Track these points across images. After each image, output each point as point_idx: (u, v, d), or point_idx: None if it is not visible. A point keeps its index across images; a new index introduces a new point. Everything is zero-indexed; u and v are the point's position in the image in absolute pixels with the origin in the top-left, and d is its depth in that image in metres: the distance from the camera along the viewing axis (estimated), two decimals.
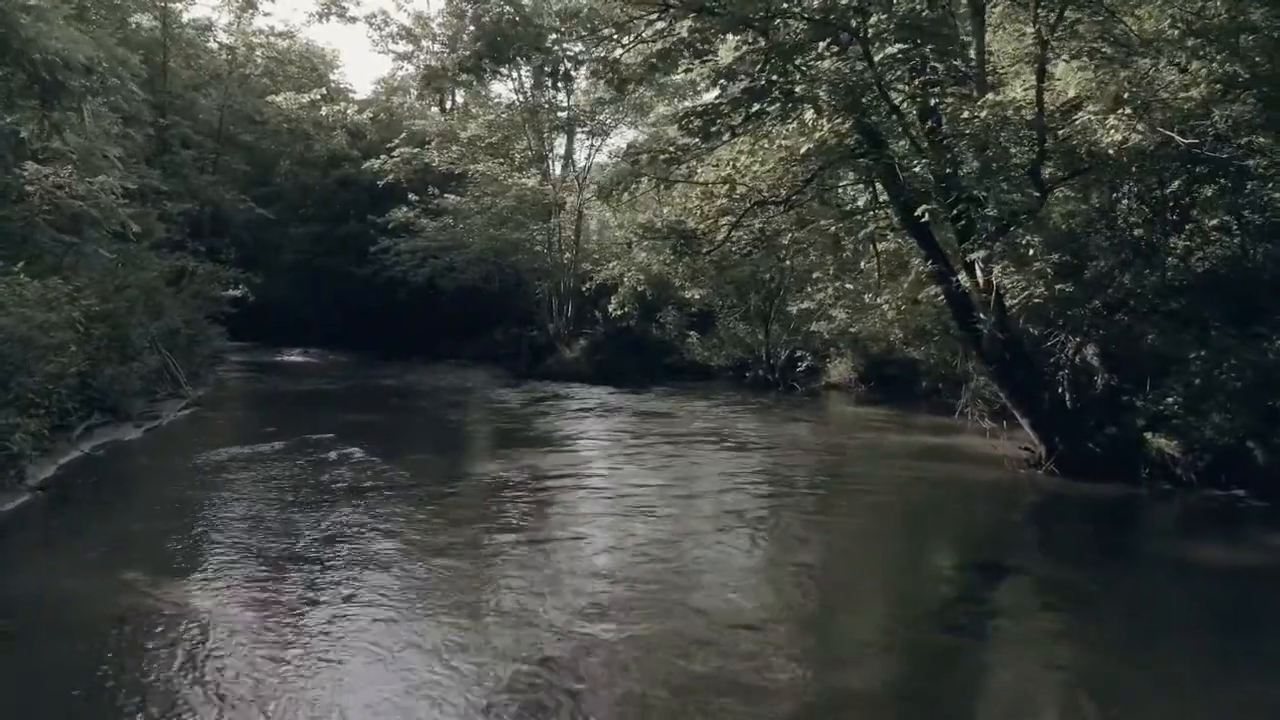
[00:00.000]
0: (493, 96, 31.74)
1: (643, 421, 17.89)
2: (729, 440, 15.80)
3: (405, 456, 13.14)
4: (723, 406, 20.69)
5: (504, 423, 18.01)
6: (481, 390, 23.39)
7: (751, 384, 24.16)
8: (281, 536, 9.00)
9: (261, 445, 14.06)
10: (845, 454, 15.12)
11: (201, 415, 18.15)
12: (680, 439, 15.65)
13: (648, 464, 13.28)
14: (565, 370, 25.98)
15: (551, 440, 15.70)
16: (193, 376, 22.77)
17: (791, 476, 13.22)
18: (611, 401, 21.35)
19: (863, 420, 18.70)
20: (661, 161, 11.22)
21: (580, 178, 29.72)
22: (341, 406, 20.05)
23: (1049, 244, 10.68)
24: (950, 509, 11.96)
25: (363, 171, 32.34)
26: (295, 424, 16.95)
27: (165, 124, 29.39)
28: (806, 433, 17.08)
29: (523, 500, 11.01)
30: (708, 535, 9.69)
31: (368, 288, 33.34)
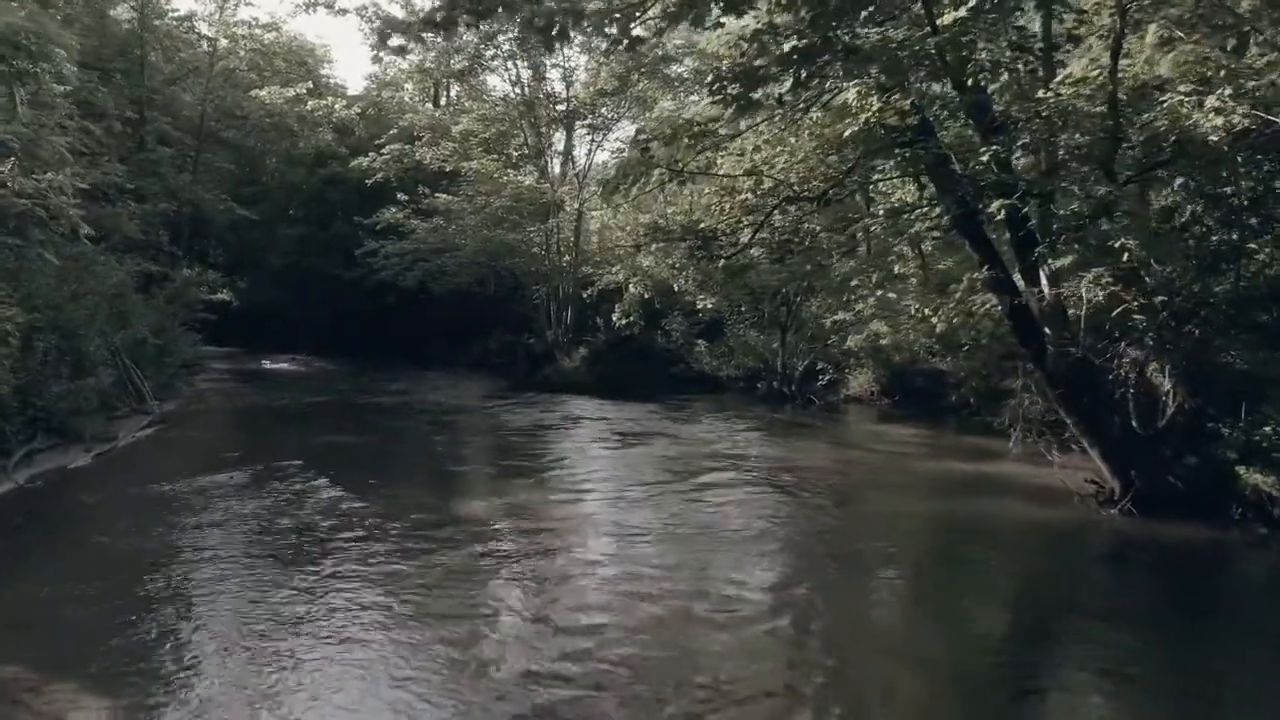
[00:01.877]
0: (488, 89, 29.96)
1: (649, 443, 16.16)
2: (745, 468, 14.07)
3: (379, 491, 11.41)
4: (735, 423, 18.98)
5: (495, 445, 16.24)
6: (474, 404, 21.66)
7: (765, 396, 22.45)
8: (212, 618, 7.26)
9: (219, 475, 12.33)
10: (881, 486, 13.40)
11: (164, 436, 16.42)
12: (691, 466, 13.92)
13: (656, 501, 11.48)
14: (564, 380, 24.27)
15: (546, 469, 13.91)
16: (163, 389, 21.13)
17: (821, 517, 11.49)
18: (614, 417, 19.62)
19: (892, 441, 16.98)
20: (677, 148, 9.52)
21: (580, 176, 27.97)
22: (319, 424, 18.32)
23: (1149, 244, 9.01)
24: (1014, 558, 10.23)
25: (351, 170, 30.64)
26: (264, 447, 15.24)
27: (134, 117, 27.61)
28: (832, 458, 15.36)
29: (504, 558, 9.13)
30: (725, 601, 7.97)
31: (356, 292, 31.70)
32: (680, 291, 20.84)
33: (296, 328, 35.53)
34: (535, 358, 26.02)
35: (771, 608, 7.95)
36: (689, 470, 13.36)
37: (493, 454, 15.06)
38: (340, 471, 12.57)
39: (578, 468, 13.94)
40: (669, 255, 16.92)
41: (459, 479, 12.70)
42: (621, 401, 21.67)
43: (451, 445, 16.23)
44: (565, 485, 12.44)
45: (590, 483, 12.62)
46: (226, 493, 11.34)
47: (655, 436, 16.87)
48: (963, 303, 10.66)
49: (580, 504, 11.18)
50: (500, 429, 17.93)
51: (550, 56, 26.63)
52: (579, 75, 26.38)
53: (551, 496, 11.59)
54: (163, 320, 23.08)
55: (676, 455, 14.73)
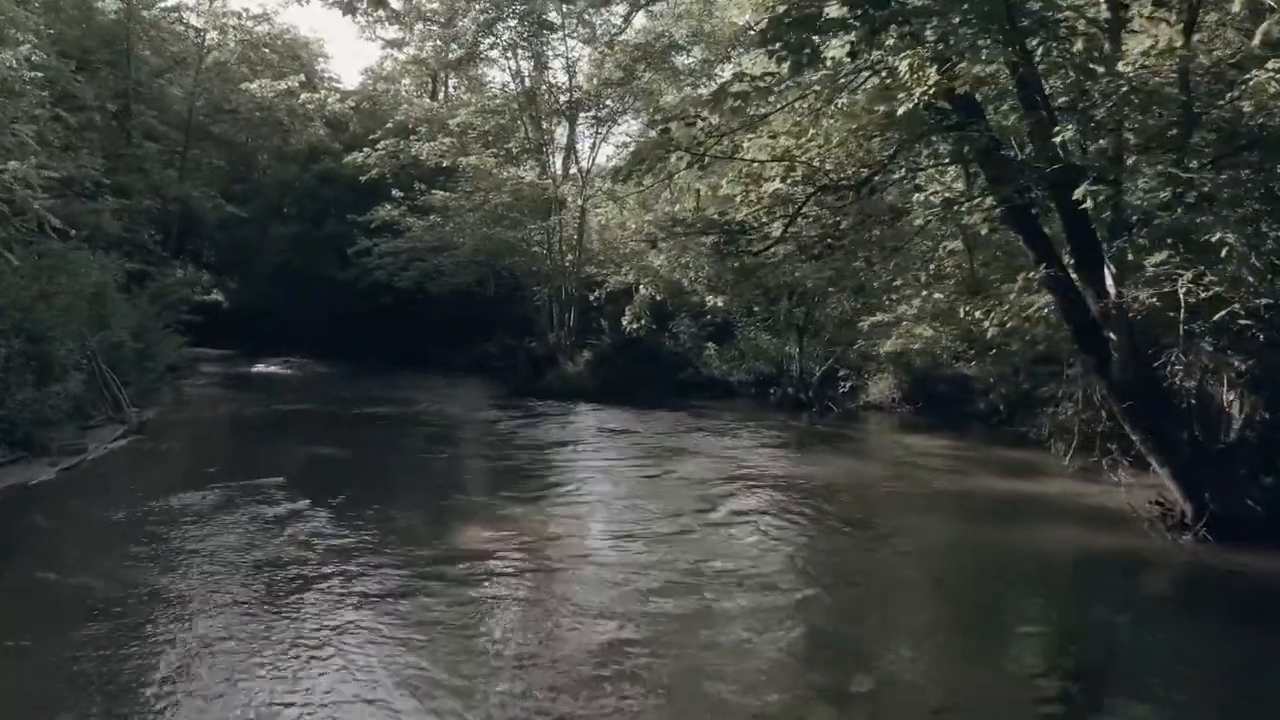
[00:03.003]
0: (487, 81, 28.73)
1: (660, 458, 14.95)
2: (767, 489, 12.88)
3: (366, 516, 10.24)
4: (751, 433, 17.79)
5: (495, 461, 14.96)
6: (472, 412, 20.47)
7: (779, 402, 21.25)
8: (154, 688, 6.09)
9: (191, 495, 11.17)
10: (919, 510, 12.22)
11: (138, 447, 15.24)
12: (709, 489, 12.73)
13: (670, 533, 10.18)
14: (567, 386, 23.09)
15: (549, 491, 12.60)
16: (144, 395, 20.02)
17: (856, 551, 10.33)
18: (621, 427, 18.43)
19: (921, 454, 15.80)
20: (721, 114, 8.33)
21: (584, 171, 26.75)
22: (307, 434, 17.16)
23: (1250, 238, 7.83)
24: (1075, 596, 9.00)
25: (345, 166, 29.49)
26: (245, 461, 14.12)
27: (119, 110, 26.44)
28: (860, 475, 14.17)
29: (502, 609, 7.91)
30: (753, 651, 6.82)
31: (351, 292, 30.52)
32: (688, 292, 19.75)
33: (290, 329, 34.39)
34: (537, 361, 24.81)
35: (806, 659, 6.83)
36: (706, 495, 12.16)
37: (492, 473, 13.81)
38: (325, 492, 11.42)
39: (583, 489, 12.69)
40: (682, 254, 15.87)
41: (455, 504, 11.47)
42: (628, 409, 20.51)
43: (449, 462, 15.02)
44: (570, 512, 11.18)
45: (597, 509, 11.33)
46: (196, 517, 10.18)
47: (666, 450, 15.68)
48: (1016, 305, 9.48)
49: (586, 537, 9.93)
50: (500, 441, 16.74)
51: (552, 47, 25.51)
52: (582, 66, 25.20)
53: (555, 528, 10.37)
54: (145, 322, 21.96)
55: (691, 474, 13.52)
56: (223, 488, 11.65)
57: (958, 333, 19.33)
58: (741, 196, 9.60)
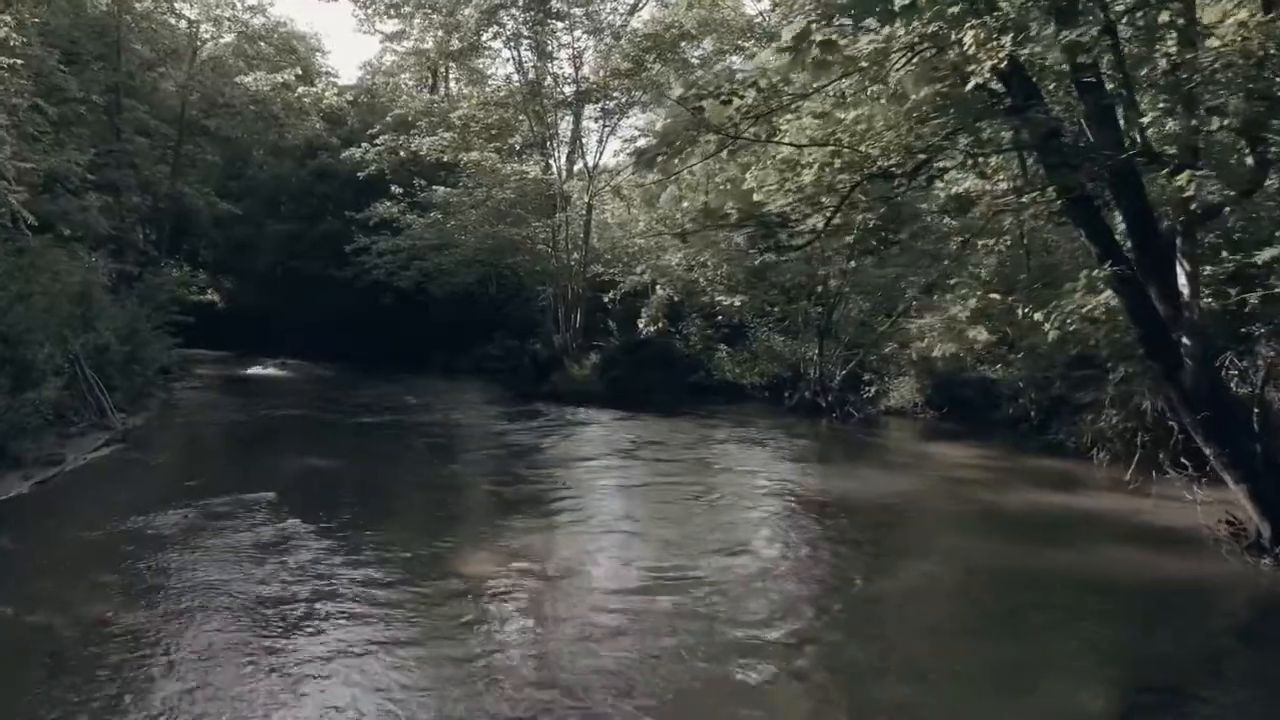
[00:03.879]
0: (489, 73, 27.73)
1: (676, 471, 14.00)
2: (794, 507, 11.94)
3: (361, 541, 9.32)
4: (770, 442, 16.83)
5: (500, 474, 13.90)
6: (475, 417, 19.53)
7: (796, 407, 20.29)
8: None
9: (173, 513, 10.26)
10: (963, 530, 11.33)
11: (121, 457, 14.33)
12: (731, 508, 11.82)
13: (689, 562, 9.19)
14: (574, 389, 22.16)
15: (557, 510, 11.51)
16: (132, 400, 19.11)
17: (898, 578, 9.43)
18: (632, 435, 17.47)
19: (953, 464, 14.88)
20: (777, 75, 7.41)
21: (590, 167, 25.76)
22: (302, 442, 16.27)
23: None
24: (1145, 628, 8.08)
25: (342, 162, 28.58)
26: (233, 473, 13.21)
27: (105, 103, 25.44)
28: (893, 489, 13.21)
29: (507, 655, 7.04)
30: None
31: (349, 292, 29.64)
32: (699, 292, 18.83)
33: (287, 330, 33.48)
34: (542, 364, 23.86)
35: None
36: (729, 517, 11.22)
37: (497, 490, 12.67)
38: (318, 511, 10.52)
39: (594, 509, 11.64)
40: (700, 252, 14.98)
41: (459, 528, 10.48)
42: (637, 414, 19.59)
43: (452, 476, 14.05)
44: (581, 541, 10.17)
45: (609, 537, 10.16)
46: (176, 540, 9.27)
47: (682, 461, 14.73)
48: (1078, 306, 8.55)
49: (598, 571, 8.90)
50: (506, 451, 15.76)
51: (556, 38, 24.52)
52: (588, 57, 24.18)
53: (565, 556, 9.41)
54: (134, 323, 21.03)
55: (710, 489, 12.59)
56: (208, 504, 10.74)
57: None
58: (777, 185, 8.69)
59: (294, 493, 11.42)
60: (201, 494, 11.30)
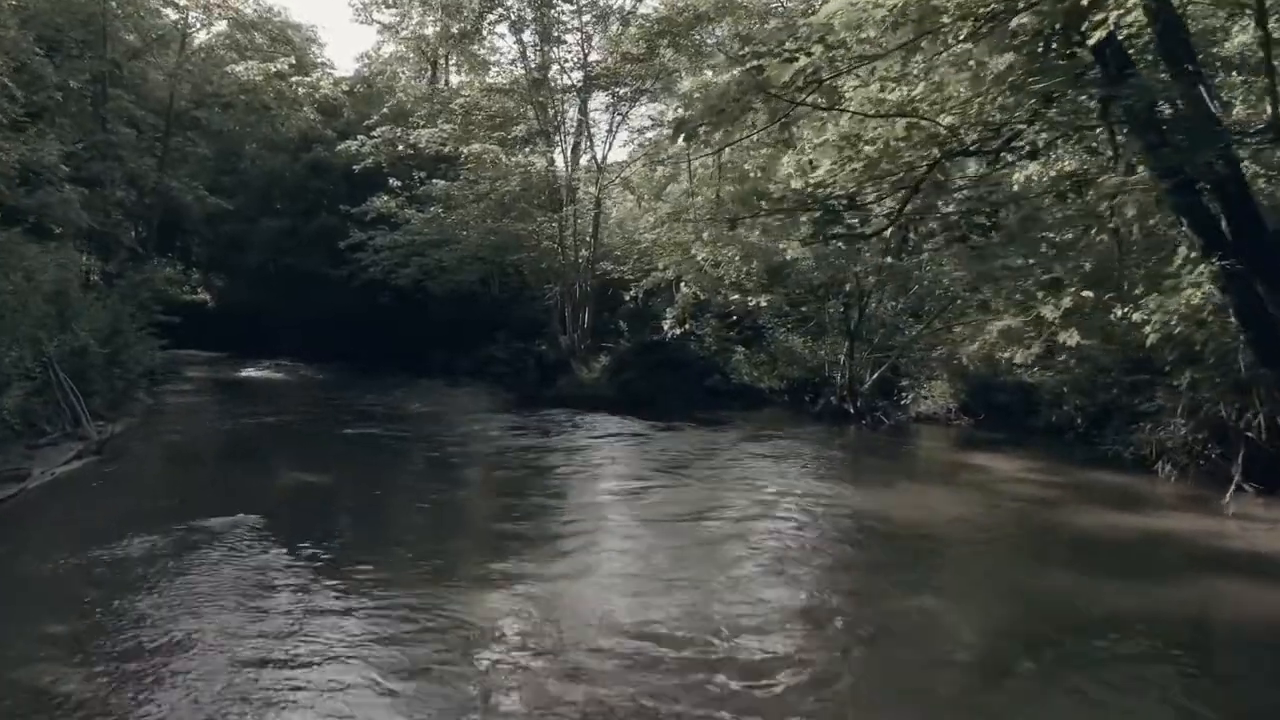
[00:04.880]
0: (492, 60, 26.40)
1: (698, 489, 12.65)
2: (838, 531, 10.72)
3: (354, 579, 8.07)
4: (799, 454, 15.52)
5: (505, 492, 12.53)
6: (478, 425, 18.25)
7: (821, 414, 19.02)
8: None
9: (144, 540, 9.04)
10: (1036, 559, 10.05)
11: (94, 472, 13.10)
12: (764, 533, 10.57)
13: (719, 607, 7.96)
14: (582, 393, 20.95)
15: (572, 537, 10.06)
16: (114, 406, 17.97)
17: (973, 621, 8.24)
18: (647, 445, 16.21)
19: (1003, 480, 13.61)
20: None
21: (599, 158, 24.48)
22: (293, 453, 15.07)
23: None
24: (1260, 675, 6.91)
25: (338, 155, 27.38)
26: (216, 491, 11.96)
27: (90, 94, 24.18)
28: (946, 510, 11.94)
29: None
30: None
31: (345, 291, 28.48)
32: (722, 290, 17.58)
33: (282, 330, 32.34)
34: (548, 367, 22.60)
35: None
36: (763, 545, 9.94)
37: (502, 513, 11.21)
38: (308, 538, 9.31)
39: (612, 537, 10.20)
40: (725, 246, 13.80)
41: (458, 560, 9.14)
42: (651, 421, 18.36)
43: (453, 496, 12.73)
44: (591, 573, 8.87)
45: (629, 575, 8.79)
46: (142, 576, 8.05)
47: (702, 476, 13.38)
48: (1180, 306, 7.37)
49: (617, 620, 7.64)
50: (513, 465, 14.41)
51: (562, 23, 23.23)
52: (597, 41, 22.82)
53: (573, 592, 8.20)
54: (117, 323, 19.81)
55: (736, 511, 11.19)
56: (182, 530, 9.53)
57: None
58: (838, 163, 7.49)
59: (280, 516, 10.20)
60: (176, 517, 10.08)
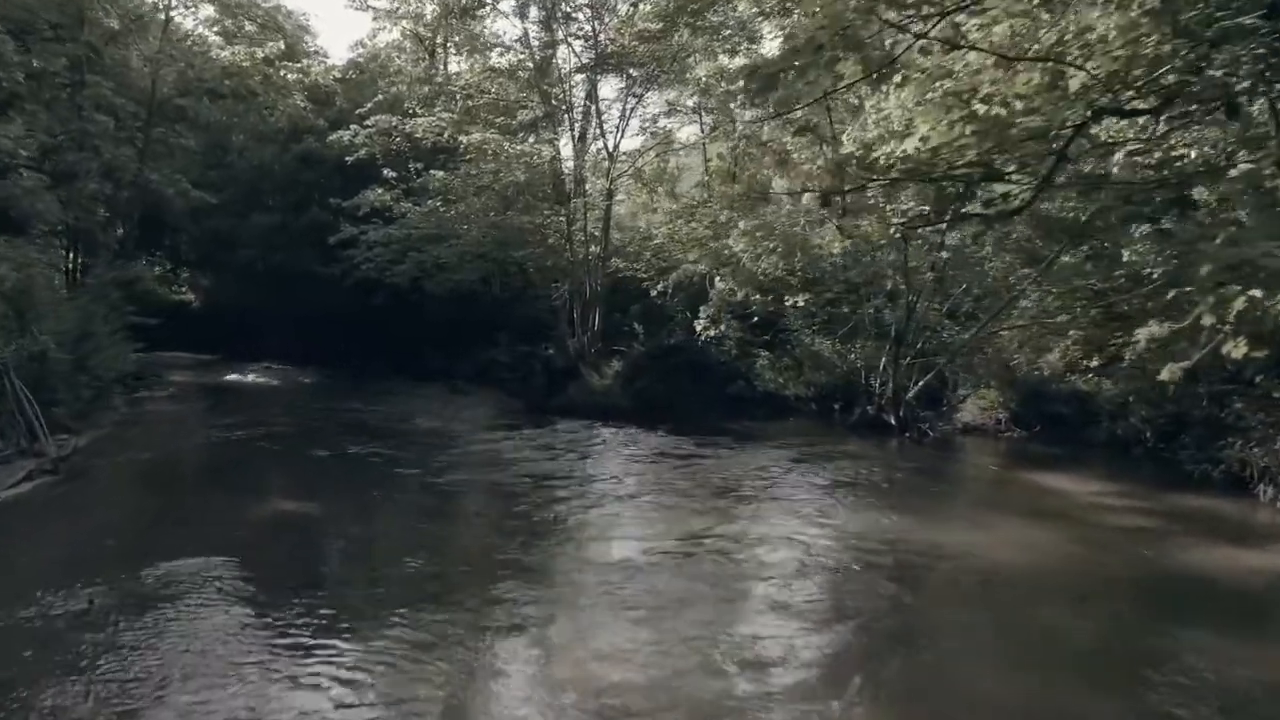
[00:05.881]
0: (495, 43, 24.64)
1: (733, 520, 10.89)
2: (904, 579, 9.11)
3: (332, 641, 6.46)
4: (841, 472, 13.85)
5: (512, 528, 10.44)
6: (481, 439, 16.49)
7: (857, 425, 17.35)
8: None
9: (83, 592, 7.41)
10: (1140, 605, 8.49)
11: (47, 495, 11.48)
12: (804, 563, 8.99)
13: (776, 689, 6.43)
14: (594, 402, 19.30)
15: (582, 580, 8.53)
16: (80, 416, 16.32)
17: (1077, 697, 6.63)
18: (670, 463, 14.48)
19: (1081, 505, 11.95)
20: None
21: (611, 146, 22.69)
22: (272, 477, 13.42)
23: None
24: None
25: (329, 146, 25.65)
26: (182, 522, 10.27)
27: (67, 81, 22.47)
28: (1023, 542, 10.34)
29: None
30: None
31: (337, 290, 26.79)
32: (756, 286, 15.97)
33: (271, 331, 30.60)
34: (556, 372, 20.88)
35: None
36: (823, 603, 8.35)
37: (516, 555, 9.16)
38: (282, 587, 7.71)
39: (635, 583, 8.47)
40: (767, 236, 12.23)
41: (458, 621, 7.46)
42: (669, 433, 16.73)
43: (452, 526, 10.97)
44: (608, 630, 7.32)
45: (662, 641, 7.21)
46: (73, 645, 6.41)
47: (738, 505, 11.63)
48: None
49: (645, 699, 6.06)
50: (517, 489, 12.39)
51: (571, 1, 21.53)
52: (609, 20, 21.02)
53: (589, 651, 6.62)
54: (86, 325, 18.15)
55: (777, 547, 9.55)
56: (137, 576, 7.92)
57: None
58: (938, 127, 5.92)
59: (253, 559, 8.55)
60: (130, 559, 8.45)
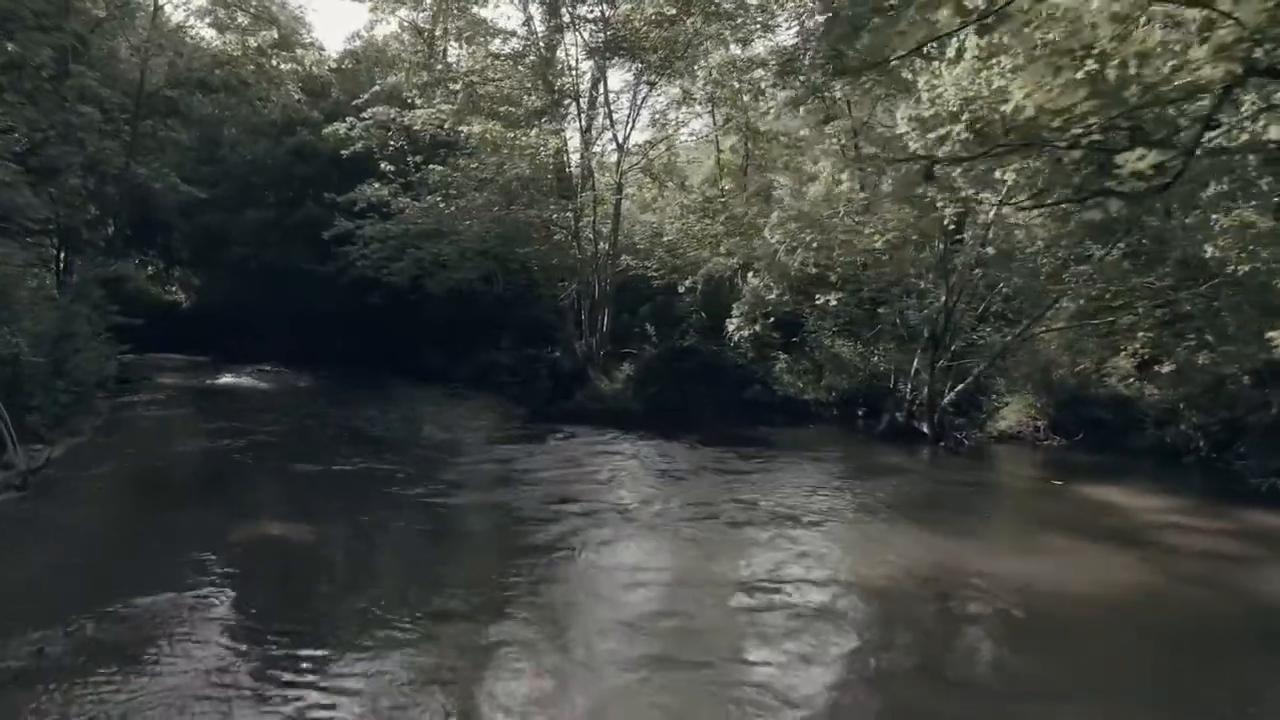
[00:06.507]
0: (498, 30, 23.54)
1: (766, 545, 9.72)
2: (978, 631, 8.07)
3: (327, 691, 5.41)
4: (878, 487, 12.78)
5: (516, 561, 9.11)
6: (483, 450, 15.35)
7: (886, 432, 16.28)
8: None
9: (24, 639, 6.36)
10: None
11: (12, 513, 10.41)
12: (851, 601, 7.93)
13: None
14: (604, 407, 18.26)
15: (599, 619, 7.40)
16: (57, 424, 15.25)
17: None
18: (692, 482, 13.08)
19: (1149, 524, 10.86)
20: None
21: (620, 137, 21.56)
22: (260, 493, 12.34)
23: None
24: None
25: (324, 139, 24.63)
26: (152, 549, 9.19)
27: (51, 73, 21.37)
28: (1089, 565, 9.31)
29: None
30: None
31: (333, 288, 25.80)
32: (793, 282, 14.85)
33: (265, 332, 29.57)
34: (562, 376, 19.77)
35: None
36: (897, 656, 7.28)
37: (520, 595, 7.99)
38: (270, 628, 6.67)
39: (662, 632, 7.36)
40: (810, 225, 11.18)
41: (464, 667, 6.46)
42: (685, 441, 15.66)
43: (454, 561, 9.55)
44: (627, 678, 6.29)
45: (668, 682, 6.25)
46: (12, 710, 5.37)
47: (770, 529, 10.25)
48: None
49: None
50: (527, 513, 10.92)
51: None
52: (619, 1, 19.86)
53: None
54: (65, 326, 17.09)
55: (844, 595, 8.32)
56: (98, 614, 6.87)
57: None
58: (1053, 84, 4.91)
59: (231, 596, 7.50)
60: (93, 592, 7.42)
